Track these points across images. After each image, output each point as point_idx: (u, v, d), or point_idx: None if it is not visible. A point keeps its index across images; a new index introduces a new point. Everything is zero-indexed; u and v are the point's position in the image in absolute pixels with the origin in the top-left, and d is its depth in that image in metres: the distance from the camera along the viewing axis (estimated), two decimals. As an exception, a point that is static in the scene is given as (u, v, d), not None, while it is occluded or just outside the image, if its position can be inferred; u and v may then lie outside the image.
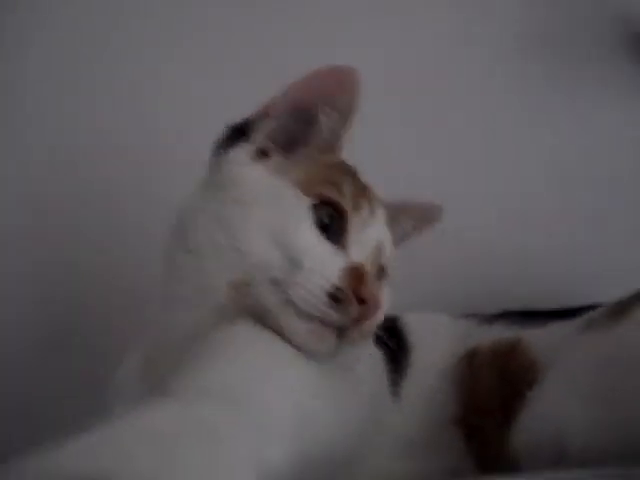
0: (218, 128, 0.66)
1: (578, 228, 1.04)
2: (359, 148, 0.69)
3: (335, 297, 0.55)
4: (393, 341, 0.68)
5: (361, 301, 0.56)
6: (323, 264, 0.57)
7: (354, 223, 0.61)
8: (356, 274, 0.57)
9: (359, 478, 0.60)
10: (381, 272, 0.66)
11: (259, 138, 0.64)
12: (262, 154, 0.64)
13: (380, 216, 0.66)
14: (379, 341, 0.67)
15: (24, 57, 1.02)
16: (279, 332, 0.57)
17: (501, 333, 0.70)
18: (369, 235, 0.63)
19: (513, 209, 1.05)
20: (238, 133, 0.65)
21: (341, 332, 0.57)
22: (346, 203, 0.61)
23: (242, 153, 0.63)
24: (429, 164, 1.04)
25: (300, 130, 0.64)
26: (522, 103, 1.07)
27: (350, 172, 0.66)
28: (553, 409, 0.56)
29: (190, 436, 0.38)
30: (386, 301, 0.63)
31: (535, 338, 0.66)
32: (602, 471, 0.45)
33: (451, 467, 0.63)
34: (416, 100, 1.02)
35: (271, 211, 0.59)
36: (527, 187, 1.06)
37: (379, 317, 0.59)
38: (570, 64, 1.05)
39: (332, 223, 0.60)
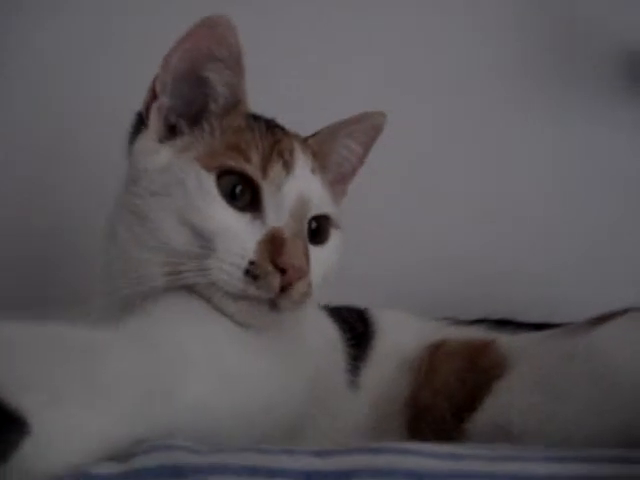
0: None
1: (576, 244, 1.03)
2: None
3: (252, 273, 0.55)
4: (359, 325, 0.68)
5: (282, 270, 0.55)
6: (237, 241, 0.56)
7: (266, 186, 0.59)
8: (273, 243, 0.56)
9: None
10: (318, 223, 0.63)
11: (154, 121, 0.62)
12: (172, 131, 0.62)
13: (301, 167, 0.62)
14: (345, 324, 0.67)
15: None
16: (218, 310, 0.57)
17: (475, 334, 0.70)
18: (287, 193, 0.60)
19: (509, 224, 1.05)
20: (142, 119, 0.63)
21: (272, 303, 0.56)
22: (252, 169, 0.59)
23: (144, 141, 0.62)
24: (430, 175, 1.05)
25: (197, 98, 0.62)
26: (522, 120, 1.08)
27: (260, 128, 0.63)
28: (509, 398, 0.57)
29: (78, 351, 0.40)
30: (330, 251, 0.63)
31: (509, 341, 0.65)
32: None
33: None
34: (417, 114, 1.03)
35: (179, 197, 0.58)
36: (523, 200, 1.06)
37: (310, 278, 0.58)
38: (567, 82, 1.07)
39: (243, 191, 0.59)
